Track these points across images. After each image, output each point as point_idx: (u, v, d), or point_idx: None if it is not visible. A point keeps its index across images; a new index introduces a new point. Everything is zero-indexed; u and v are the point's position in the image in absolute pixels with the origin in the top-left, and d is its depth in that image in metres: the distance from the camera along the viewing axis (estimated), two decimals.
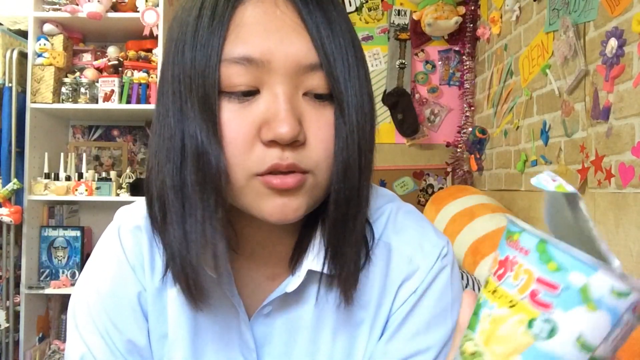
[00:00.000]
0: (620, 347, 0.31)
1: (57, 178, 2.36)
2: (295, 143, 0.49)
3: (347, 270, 0.55)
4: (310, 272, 0.57)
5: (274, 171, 0.49)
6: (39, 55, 2.34)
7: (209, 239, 0.50)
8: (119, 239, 0.61)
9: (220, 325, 0.60)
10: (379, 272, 0.60)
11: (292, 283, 0.58)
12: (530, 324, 0.31)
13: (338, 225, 0.53)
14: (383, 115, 2.76)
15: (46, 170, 2.37)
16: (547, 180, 0.34)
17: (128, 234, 0.61)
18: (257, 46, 0.48)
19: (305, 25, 0.49)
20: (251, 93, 0.50)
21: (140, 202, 0.62)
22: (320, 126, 0.50)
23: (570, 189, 0.33)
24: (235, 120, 0.49)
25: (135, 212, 0.63)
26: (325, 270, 0.56)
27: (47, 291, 2.32)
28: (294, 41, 0.49)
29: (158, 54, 2.35)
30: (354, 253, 0.55)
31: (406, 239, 0.61)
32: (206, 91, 0.49)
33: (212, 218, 0.49)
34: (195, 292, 0.53)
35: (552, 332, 0.31)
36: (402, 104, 2.68)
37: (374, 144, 0.54)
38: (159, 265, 0.60)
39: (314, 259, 0.57)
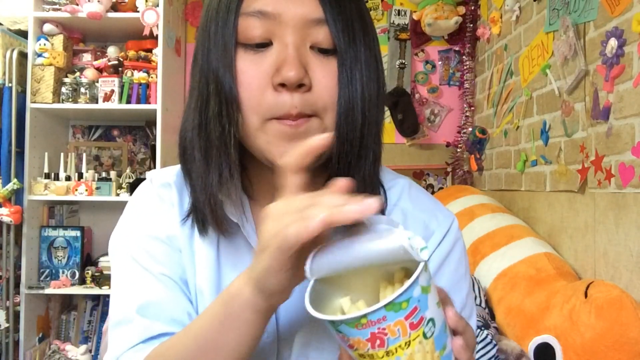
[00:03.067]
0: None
1: (57, 178, 2.36)
2: (302, 87, 0.56)
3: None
4: None
5: (286, 118, 0.56)
6: (39, 55, 2.34)
7: (224, 169, 0.58)
8: (153, 189, 0.68)
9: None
10: None
11: None
12: (424, 335, 0.42)
13: (342, 162, 0.58)
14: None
15: (46, 170, 2.37)
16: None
17: (160, 187, 0.68)
18: (270, 3, 0.56)
19: None
20: (264, 45, 0.57)
21: (170, 167, 0.70)
22: (325, 74, 0.57)
23: None
24: (250, 67, 0.57)
25: (165, 171, 0.70)
26: None
27: (47, 291, 2.32)
28: (303, 0, 0.57)
29: (158, 54, 2.35)
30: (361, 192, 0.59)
31: (421, 208, 0.67)
32: (225, 40, 0.57)
33: (227, 146, 0.57)
34: (217, 223, 0.60)
35: (431, 322, 0.43)
36: (402, 104, 2.67)
37: (382, 103, 0.61)
38: (188, 221, 0.65)
39: None
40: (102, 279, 2.34)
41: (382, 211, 0.65)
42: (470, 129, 2.54)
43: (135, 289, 0.62)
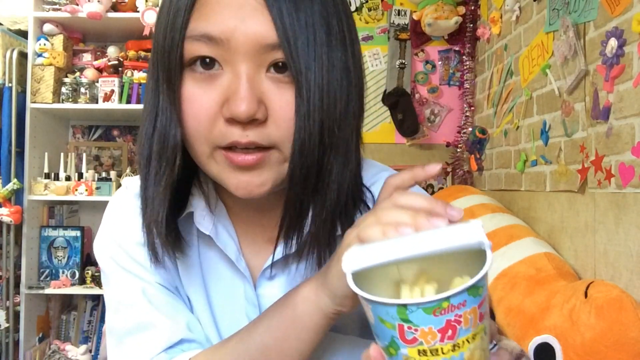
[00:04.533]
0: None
1: (57, 178, 2.36)
2: (255, 121, 0.51)
3: (308, 248, 0.57)
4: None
5: (234, 147, 0.52)
6: (39, 55, 2.34)
7: (158, 203, 0.55)
8: (132, 196, 0.65)
9: (226, 290, 0.64)
10: None
11: (291, 245, 0.60)
12: (484, 330, 0.39)
13: (293, 203, 0.54)
14: (383, 115, 2.76)
15: (46, 170, 2.37)
16: None
17: (135, 197, 0.65)
18: (218, 24, 0.50)
19: (267, 4, 0.49)
20: (213, 66, 0.51)
21: None
22: (282, 105, 0.51)
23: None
24: (199, 95, 0.52)
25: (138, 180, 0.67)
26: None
27: (47, 291, 2.32)
28: (254, 21, 0.49)
29: None
30: (316, 226, 0.56)
31: None
32: (170, 67, 0.52)
33: (162, 186, 0.54)
34: (156, 246, 0.57)
35: (487, 319, 0.40)
36: (402, 104, 2.67)
37: (358, 112, 0.56)
38: None
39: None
40: None
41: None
42: (470, 129, 2.54)
43: (138, 297, 0.61)
